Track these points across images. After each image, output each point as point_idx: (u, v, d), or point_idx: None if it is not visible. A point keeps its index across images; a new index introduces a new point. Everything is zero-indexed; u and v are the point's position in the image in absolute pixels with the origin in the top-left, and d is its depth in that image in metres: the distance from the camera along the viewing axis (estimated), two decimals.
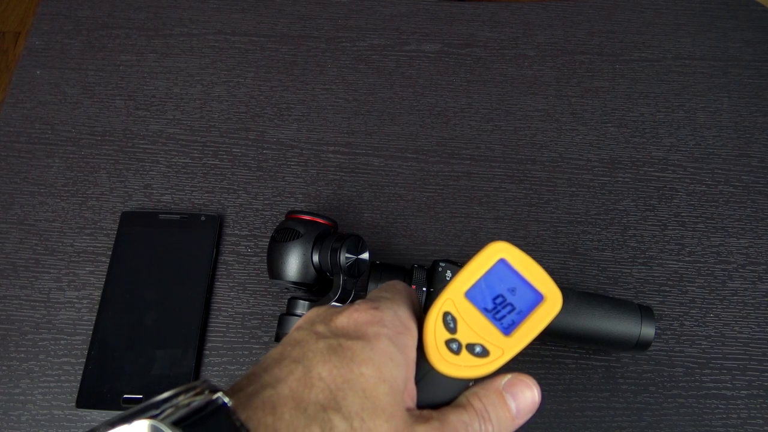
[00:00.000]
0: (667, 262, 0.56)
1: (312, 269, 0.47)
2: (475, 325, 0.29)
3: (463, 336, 0.29)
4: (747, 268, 0.56)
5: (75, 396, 0.50)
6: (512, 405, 0.29)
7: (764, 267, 0.56)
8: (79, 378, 0.50)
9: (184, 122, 0.63)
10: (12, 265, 0.56)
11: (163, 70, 0.66)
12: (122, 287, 0.54)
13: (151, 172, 0.60)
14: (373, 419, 0.25)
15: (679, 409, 0.51)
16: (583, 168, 0.61)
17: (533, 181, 0.60)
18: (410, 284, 0.47)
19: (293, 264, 0.47)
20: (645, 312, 0.47)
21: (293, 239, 0.47)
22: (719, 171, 0.61)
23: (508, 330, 0.29)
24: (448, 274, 0.47)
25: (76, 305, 0.54)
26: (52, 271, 0.56)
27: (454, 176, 0.60)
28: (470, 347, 0.28)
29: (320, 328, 0.27)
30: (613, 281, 0.55)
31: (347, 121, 0.63)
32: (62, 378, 0.51)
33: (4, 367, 0.52)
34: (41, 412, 0.50)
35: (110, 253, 0.56)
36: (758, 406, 0.51)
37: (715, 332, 0.53)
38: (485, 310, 0.29)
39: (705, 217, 0.58)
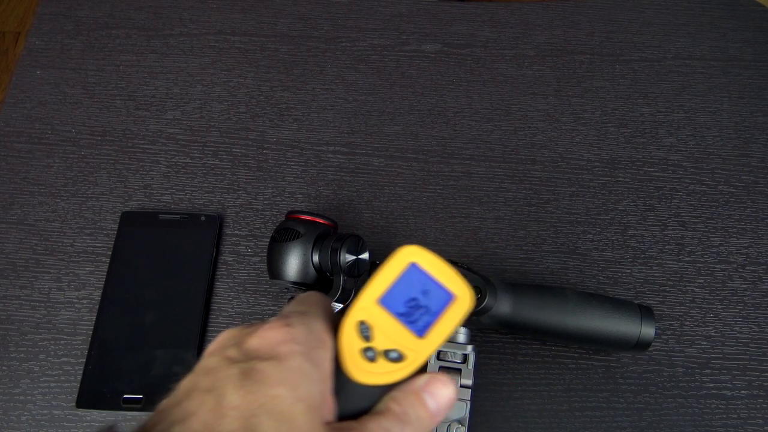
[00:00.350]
0: (667, 262, 0.56)
1: (312, 269, 0.47)
2: (389, 331, 0.29)
3: (379, 343, 0.29)
4: (747, 268, 0.56)
5: (75, 396, 0.50)
6: (431, 403, 0.30)
7: (764, 267, 0.56)
8: (79, 378, 0.50)
9: (184, 122, 0.63)
10: (12, 265, 0.56)
11: (163, 70, 0.66)
12: (122, 287, 0.54)
13: (151, 172, 0.60)
14: None
15: (679, 409, 0.51)
16: (583, 168, 0.61)
17: (533, 181, 0.60)
18: None
19: (293, 264, 0.47)
20: (645, 312, 0.47)
21: (293, 239, 0.47)
22: (719, 171, 0.61)
23: (422, 332, 0.29)
24: None
25: (76, 305, 0.54)
26: (52, 271, 0.56)
27: (454, 176, 0.60)
28: (386, 353, 0.29)
29: (232, 352, 0.26)
30: (613, 281, 0.55)
31: (347, 121, 0.63)
32: (62, 378, 0.51)
33: (4, 367, 0.52)
34: (41, 412, 0.50)
35: (110, 253, 0.56)
36: (758, 406, 0.51)
37: (715, 332, 0.53)
38: (399, 315, 0.29)
39: (705, 217, 0.58)
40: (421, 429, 0.29)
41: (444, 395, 0.30)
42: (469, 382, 0.47)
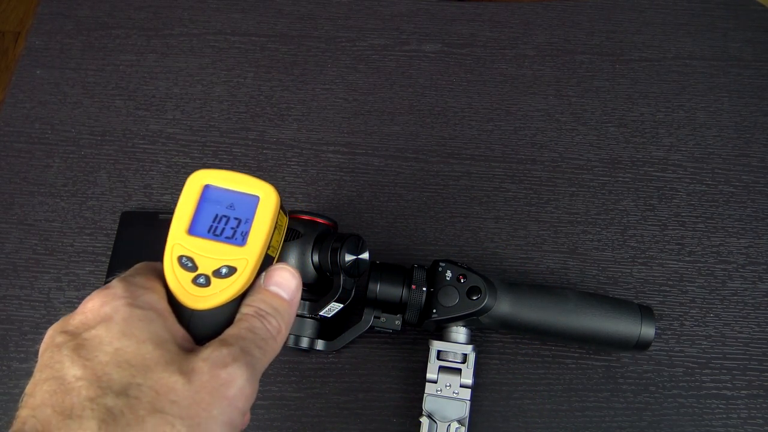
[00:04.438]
0: (667, 262, 0.56)
1: (312, 269, 0.47)
2: (211, 253, 0.30)
3: (206, 267, 0.29)
4: (747, 268, 0.56)
5: None
6: (280, 291, 0.31)
7: (764, 267, 0.56)
8: None
9: (184, 122, 0.63)
10: (12, 265, 0.56)
11: (163, 70, 0.66)
12: None
13: (151, 172, 0.60)
14: (150, 375, 0.25)
15: (679, 409, 0.51)
16: (583, 168, 0.61)
17: (533, 181, 0.60)
18: (410, 284, 0.47)
19: (293, 264, 0.47)
20: (645, 312, 0.47)
21: (293, 239, 0.47)
22: (719, 171, 0.61)
23: (242, 241, 0.30)
24: (448, 274, 0.47)
25: (76, 305, 0.54)
26: (52, 271, 0.56)
27: (454, 176, 0.60)
28: (216, 273, 0.29)
29: (59, 338, 0.26)
30: (613, 281, 0.55)
31: (347, 121, 0.63)
32: None
33: (4, 367, 0.52)
34: None
35: (110, 253, 0.56)
36: (758, 406, 0.51)
37: (715, 332, 0.53)
38: (214, 236, 0.30)
39: (705, 217, 0.58)
40: (284, 317, 0.30)
41: (287, 279, 0.31)
42: (469, 382, 0.47)
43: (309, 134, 0.62)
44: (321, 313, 0.46)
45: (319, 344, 0.49)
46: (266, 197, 0.31)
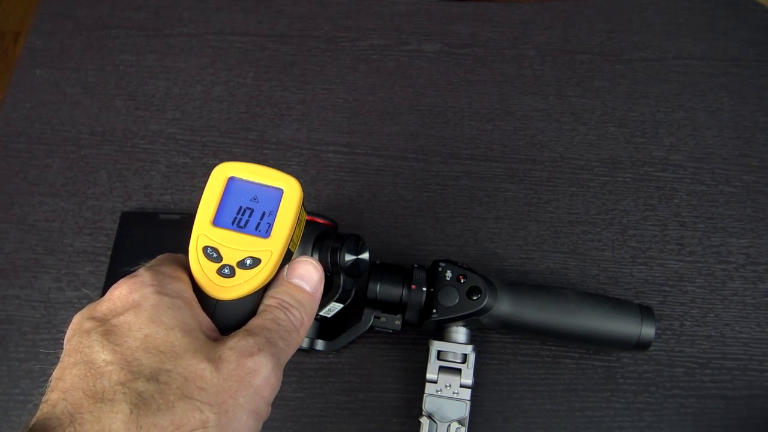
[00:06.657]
0: (667, 262, 0.56)
1: None
2: (236, 245, 0.30)
3: (230, 258, 0.30)
4: (747, 268, 0.56)
5: None
6: (303, 284, 0.31)
7: (764, 267, 0.56)
8: None
9: (184, 122, 0.63)
10: (12, 265, 0.56)
11: (163, 70, 0.66)
12: None
13: (151, 172, 0.60)
14: (179, 362, 0.25)
15: (679, 409, 0.51)
16: (583, 168, 0.61)
17: (533, 181, 0.60)
18: (410, 284, 0.47)
19: None
20: (645, 312, 0.47)
21: None
22: (719, 171, 0.61)
23: (267, 233, 0.30)
24: (448, 274, 0.47)
25: (76, 305, 0.54)
26: (52, 271, 0.56)
27: (454, 176, 0.60)
28: (241, 264, 0.30)
29: (87, 324, 0.27)
30: (613, 281, 0.55)
31: (347, 121, 0.63)
32: None
33: (4, 367, 0.52)
34: None
35: (110, 253, 0.56)
36: (759, 406, 0.50)
37: (715, 332, 0.53)
38: (239, 228, 0.30)
39: (705, 217, 0.58)
40: (307, 309, 0.31)
41: (310, 272, 0.32)
42: (469, 382, 0.47)
43: (309, 134, 0.62)
44: (321, 313, 0.46)
45: (319, 344, 0.49)
46: (290, 190, 0.31)
